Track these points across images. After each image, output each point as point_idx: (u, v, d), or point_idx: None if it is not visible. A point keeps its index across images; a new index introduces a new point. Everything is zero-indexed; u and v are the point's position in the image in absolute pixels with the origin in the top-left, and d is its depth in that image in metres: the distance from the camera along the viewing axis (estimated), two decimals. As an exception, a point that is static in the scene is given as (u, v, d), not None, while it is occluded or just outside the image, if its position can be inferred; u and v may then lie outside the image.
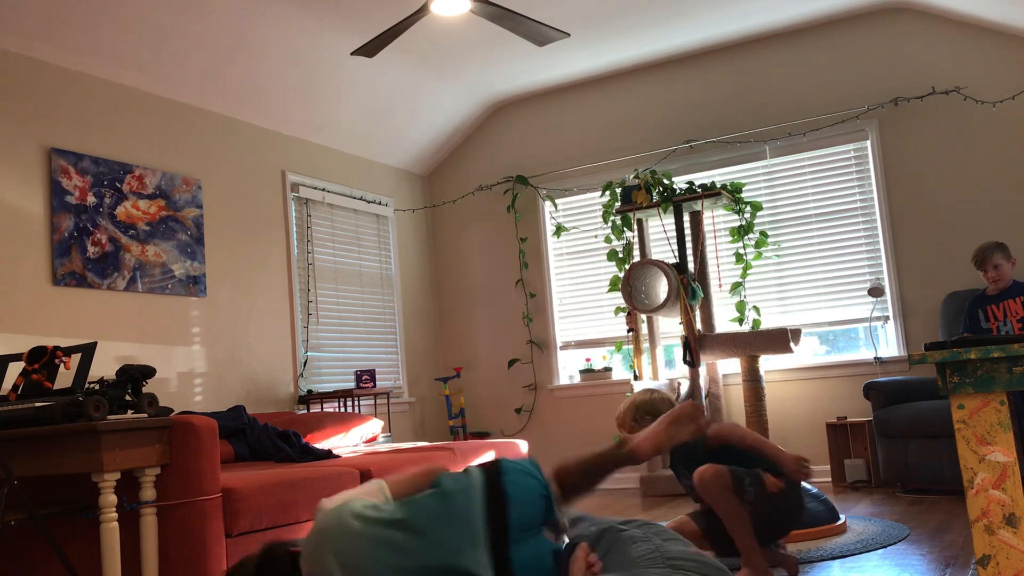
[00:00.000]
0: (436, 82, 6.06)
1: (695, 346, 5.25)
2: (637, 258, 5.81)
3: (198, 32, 4.60)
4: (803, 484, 2.79)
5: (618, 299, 6.01)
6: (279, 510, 3.14)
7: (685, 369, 5.37)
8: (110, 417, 2.78)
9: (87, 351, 2.99)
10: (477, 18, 4.91)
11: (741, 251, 5.65)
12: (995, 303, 4.37)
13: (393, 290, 6.47)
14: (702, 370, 5.39)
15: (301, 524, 3.24)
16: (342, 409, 5.42)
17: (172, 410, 3.08)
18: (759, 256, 5.68)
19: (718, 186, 5.45)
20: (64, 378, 3.14)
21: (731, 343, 5.14)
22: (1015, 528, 1.92)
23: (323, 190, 5.92)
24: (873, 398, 4.90)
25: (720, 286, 5.71)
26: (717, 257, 5.74)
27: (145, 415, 2.86)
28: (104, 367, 4.19)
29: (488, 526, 1.83)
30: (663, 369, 5.69)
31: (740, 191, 5.61)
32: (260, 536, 3.03)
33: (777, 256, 5.71)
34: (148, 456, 2.82)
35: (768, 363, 5.60)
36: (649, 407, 3.01)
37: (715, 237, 5.76)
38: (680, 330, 5.45)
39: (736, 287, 5.67)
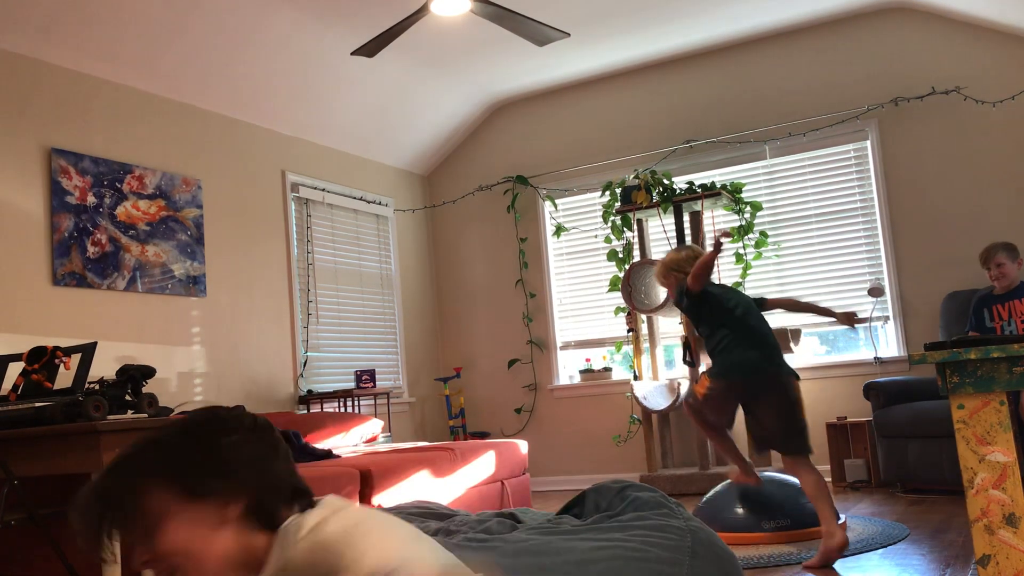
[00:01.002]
0: (436, 82, 6.06)
1: (695, 346, 5.24)
2: (637, 258, 5.81)
3: (198, 32, 4.60)
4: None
5: (618, 299, 6.01)
6: (279, 510, 3.13)
7: (685, 369, 5.36)
8: (110, 417, 2.77)
9: (87, 351, 2.99)
10: (477, 18, 4.91)
11: (741, 251, 5.65)
12: (1000, 303, 4.38)
13: (393, 290, 6.47)
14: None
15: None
16: (342, 409, 5.42)
17: (172, 410, 3.08)
18: (759, 256, 5.68)
19: (718, 186, 5.45)
20: (64, 378, 3.14)
21: (731, 343, 5.13)
22: (1015, 528, 1.92)
23: (323, 190, 5.92)
24: (873, 398, 4.90)
25: (720, 286, 5.70)
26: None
27: (145, 415, 2.86)
28: (104, 367, 4.18)
29: None
30: (663, 369, 5.69)
31: (740, 191, 5.61)
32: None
33: (777, 256, 5.71)
34: (148, 456, 2.82)
35: (768, 363, 5.59)
36: (675, 265, 3.44)
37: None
38: (680, 330, 5.45)
39: (736, 287, 5.66)
